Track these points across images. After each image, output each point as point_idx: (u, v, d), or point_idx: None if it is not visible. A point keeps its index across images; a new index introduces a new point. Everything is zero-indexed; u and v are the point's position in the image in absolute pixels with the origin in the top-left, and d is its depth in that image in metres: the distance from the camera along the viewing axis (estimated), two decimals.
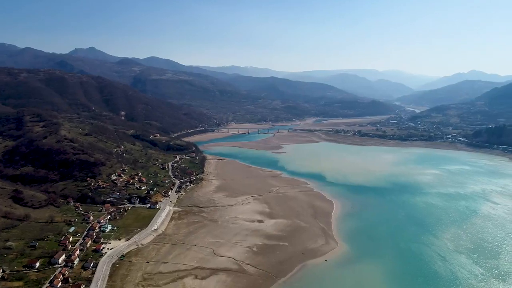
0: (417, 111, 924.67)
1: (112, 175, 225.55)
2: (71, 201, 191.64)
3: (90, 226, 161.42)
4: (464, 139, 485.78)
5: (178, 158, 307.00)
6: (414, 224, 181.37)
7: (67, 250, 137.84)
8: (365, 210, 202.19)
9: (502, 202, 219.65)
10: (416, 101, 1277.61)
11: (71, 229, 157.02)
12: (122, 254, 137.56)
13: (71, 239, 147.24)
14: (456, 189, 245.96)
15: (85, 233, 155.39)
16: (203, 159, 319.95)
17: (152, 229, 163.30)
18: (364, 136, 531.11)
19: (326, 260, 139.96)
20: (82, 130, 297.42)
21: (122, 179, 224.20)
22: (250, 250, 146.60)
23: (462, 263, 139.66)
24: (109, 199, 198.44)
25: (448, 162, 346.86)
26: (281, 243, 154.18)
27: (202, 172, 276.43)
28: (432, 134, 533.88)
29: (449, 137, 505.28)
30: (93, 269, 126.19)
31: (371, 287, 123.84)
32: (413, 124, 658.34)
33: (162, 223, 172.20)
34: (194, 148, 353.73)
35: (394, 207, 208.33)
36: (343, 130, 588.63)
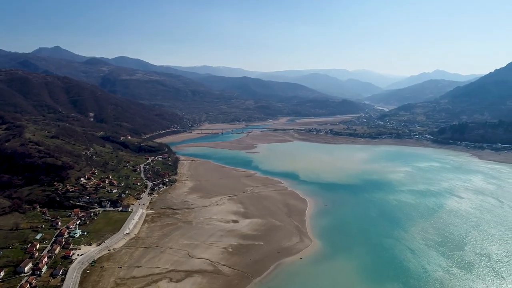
0: (386, 109, 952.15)
1: (81, 179, 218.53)
2: (38, 206, 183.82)
3: (59, 232, 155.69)
4: (430, 136, 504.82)
5: (150, 159, 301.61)
6: (386, 220, 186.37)
7: (34, 258, 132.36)
8: (338, 207, 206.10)
9: (466, 197, 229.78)
10: (385, 100, 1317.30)
11: (38, 236, 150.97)
12: (93, 260, 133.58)
13: (38, 246, 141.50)
14: (426, 186, 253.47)
15: (53, 239, 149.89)
16: (176, 160, 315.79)
17: (125, 233, 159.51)
18: (335, 135, 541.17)
19: (301, 258, 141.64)
20: (48, 132, 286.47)
21: (92, 183, 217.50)
22: (226, 251, 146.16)
23: (430, 255, 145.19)
24: (78, 203, 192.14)
25: (417, 159, 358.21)
26: (256, 243, 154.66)
27: (175, 174, 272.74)
28: (400, 131, 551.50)
29: (416, 135, 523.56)
30: (63, 276, 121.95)
31: (345, 282, 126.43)
32: (382, 123, 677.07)
33: (134, 226, 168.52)
34: (166, 149, 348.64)
35: (366, 204, 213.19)
36: (315, 129, 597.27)
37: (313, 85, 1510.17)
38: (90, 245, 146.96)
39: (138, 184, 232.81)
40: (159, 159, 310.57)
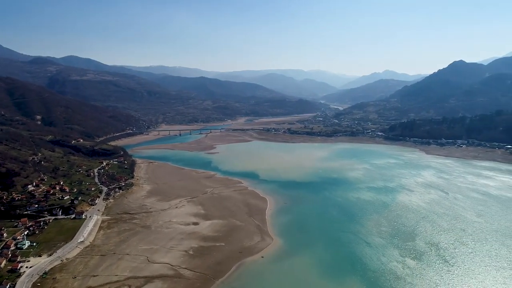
0: (341, 108, 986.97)
1: (29, 186, 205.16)
2: None
3: (4, 244, 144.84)
4: (382, 133, 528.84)
5: (104, 163, 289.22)
6: (344, 216, 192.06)
7: None
8: (298, 205, 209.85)
9: (418, 190, 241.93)
10: (339, 99, 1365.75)
11: None
12: (44, 272, 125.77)
13: None
14: (383, 182, 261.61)
15: None
16: (133, 163, 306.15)
17: (78, 241, 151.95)
18: (293, 134, 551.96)
19: (262, 257, 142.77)
20: None
21: (40, 190, 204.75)
22: (186, 254, 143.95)
23: (385, 247, 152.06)
24: (26, 212, 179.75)
25: (373, 156, 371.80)
26: (218, 244, 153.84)
27: (132, 177, 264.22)
28: (354, 129, 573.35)
29: (369, 132, 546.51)
30: None
31: (306, 277, 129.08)
32: (337, 121, 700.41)
33: (89, 234, 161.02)
34: (122, 152, 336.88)
35: (325, 201, 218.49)
36: (273, 128, 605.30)
37: (271, 85, 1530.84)
38: (40, 256, 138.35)
39: (92, 189, 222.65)
40: (114, 162, 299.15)
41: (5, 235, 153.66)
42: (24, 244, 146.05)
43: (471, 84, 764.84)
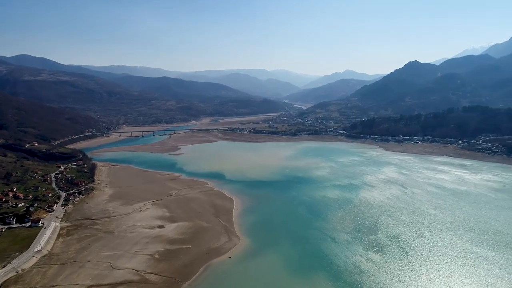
0: (304, 107, 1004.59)
1: None
2: None
3: None
4: (344, 131, 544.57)
5: (62, 167, 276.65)
6: (310, 214, 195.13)
7: None
8: (264, 204, 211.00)
9: (380, 186, 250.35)
10: (303, 99, 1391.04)
11: None
12: None
13: None
14: (348, 180, 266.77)
15: None
16: (93, 167, 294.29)
17: (35, 250, 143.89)
18: (258, 133, 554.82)
19: (230, 257, 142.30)
20: None
21: None
22: (152, 258, 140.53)
23: (349, 242, 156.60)
24: None
25: (338, 155, 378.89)
26: (184, 246, 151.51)
27: (93, 181, 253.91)
28: (317, 128, 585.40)
29: (332, 130, 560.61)
30: None
31: (273, 275, 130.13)
32: (301, 120, 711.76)
33: (47, 242, 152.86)
34: (81, 156, 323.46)
35: (291, 200, 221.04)
36: (238, 128, 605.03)
37: (235, 85, 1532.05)
38: None
39: (50, 195, 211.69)
40: (73, 166, 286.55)
41: None
42: None
43: (425, 83, 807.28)
